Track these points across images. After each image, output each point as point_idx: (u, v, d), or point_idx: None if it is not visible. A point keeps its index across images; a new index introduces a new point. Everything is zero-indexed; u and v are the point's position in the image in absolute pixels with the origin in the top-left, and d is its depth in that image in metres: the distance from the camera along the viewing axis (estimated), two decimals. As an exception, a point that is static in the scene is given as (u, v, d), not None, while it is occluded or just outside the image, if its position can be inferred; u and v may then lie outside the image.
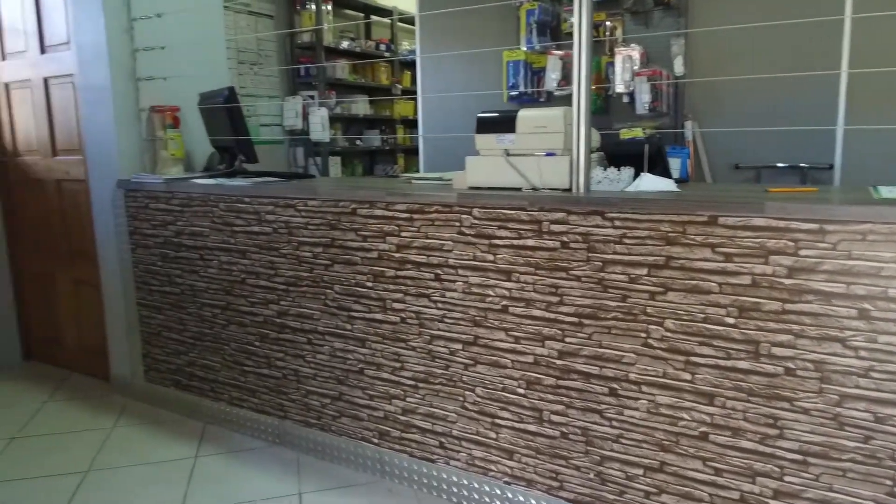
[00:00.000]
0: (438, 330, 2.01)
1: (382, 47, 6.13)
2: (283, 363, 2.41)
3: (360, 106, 5.84)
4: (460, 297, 1.95)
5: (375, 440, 2.21)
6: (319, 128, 5.03)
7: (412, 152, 6.47)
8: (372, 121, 6.12)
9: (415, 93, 6.42)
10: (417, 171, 6.27)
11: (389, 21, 6.38)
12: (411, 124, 6.46)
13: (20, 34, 3.15)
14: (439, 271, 1.97)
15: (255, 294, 2.44)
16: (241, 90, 3.67)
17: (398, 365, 2.12)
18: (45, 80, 3.09)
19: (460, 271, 1.93)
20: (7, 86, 3.29)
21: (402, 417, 2.14)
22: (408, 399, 2.11)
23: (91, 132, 2.87)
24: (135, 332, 2.89)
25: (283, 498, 2.09)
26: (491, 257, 1.87)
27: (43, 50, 3.07)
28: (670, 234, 1.61)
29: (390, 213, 2.05)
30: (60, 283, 3.28)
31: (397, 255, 2.05)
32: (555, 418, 1.84)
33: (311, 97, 5.27)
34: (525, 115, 1.87)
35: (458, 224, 1.91)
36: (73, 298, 3.23)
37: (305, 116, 5.15)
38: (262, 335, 2.45)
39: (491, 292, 1.88)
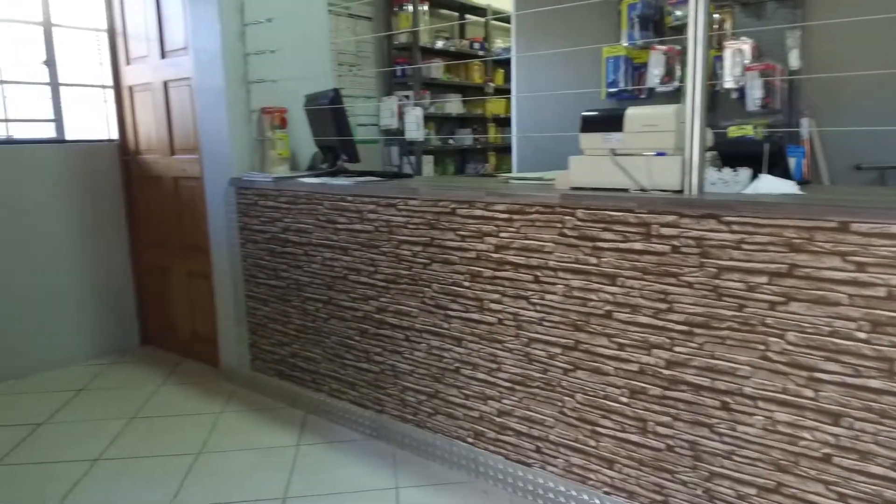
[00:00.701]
0: (537, 333, 1.98)
1: (476, 46, 6.14)
2: (381, 358, 2.46)
3: (453, 105, 5.87)
4: (560, 301, 1.91)
5: (470, 440, 2.21)
6: (414, 127, 5.09)
7: (503, 151, 6.44)
8: (464, 119, 6.14)
9: (507, 91, 6.38)
10: (509, 170, 6.23)
11: (483, 20, 6.37)
12: (503, 123, 6.43)
13: (143, 40, 3.38)
14: (539, 273, 1.94)
15: (356, 290, 2.50)
16: (334, 82, 3.77)
17: (494, 366, 2.11)
18: (165, 84, 3.31)
19: (561, 274, 1.89)
20: (131, 89, 3.55)
21: (498, 419, 2.13)
22: (503, 401, 2.10)
23: (206, 132, 3.04)
24: (242, 322, 3.04)
25: (380, 491, 2.13)
26: (594, 260, 1.82)
27: (163, 55, 3.29)
28: (795, 241, 1.50)
29: (489, 214, 2.04)
30: (175, 275, 3.50)
31: (495, 255, 2.04)
32: (660, 430, 1.77)
33: (406, 97, 5.35)
34: (634, 113, 1.80)
35: (559, 225, 1.88)
36: (186, 289, 3.45)
37: (401, 116, 5.24)
38: (361, 330, 2.51)
39: (594, 296, 1.84)
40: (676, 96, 3.77)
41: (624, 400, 1.82)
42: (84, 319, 3.53)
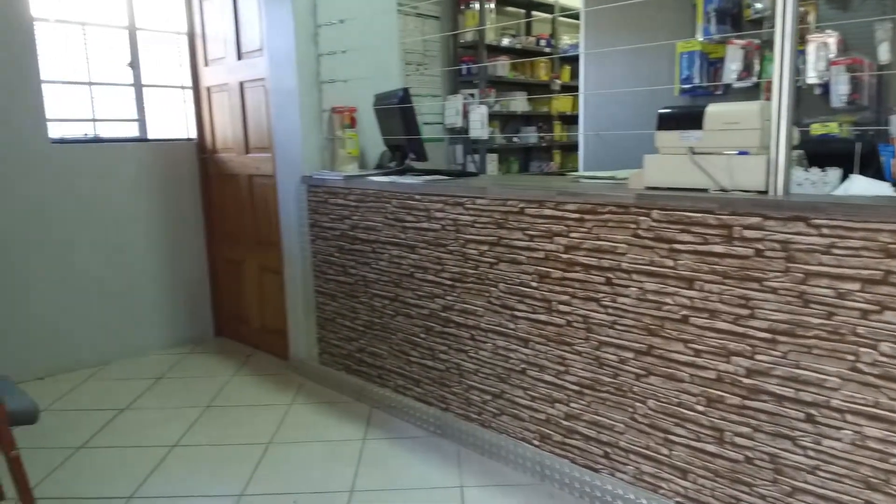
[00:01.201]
0: (608, 336, 1.94)
1: (543, 43, 6.07)
2: (447, 356, 2.46)
3: (518, 103, 5.83)
4: (633, 304, 1.86)
5: (536, 442, 2.19)
6: (479, 125, 5.08)
7: (568, 149, 6.34)
8: (528, 117, 6.08)
9: (574, 88, 6.28)
10: (574, 168, 6.14)
11: (551, 16, 6.29)
12: (568, 120, 6.33)
13: (220, 43, 3.50)
14: (611, 275, 1.90)
15: (422, 288, 2.52)
16: (402, 81, 3.81)
17: (562, 368, 2.07)
18: (241, 84, 3.42)
19: (634, 276, 1.85)
20: (209, 89, 3.68)
21: (565, 422, 2.09)
22: (571, 404, 2.07)
23: (279, 131, 3.12)
24: (311, 316, 3.11)
25: (445, 489, 2.14)
26: (671, 263, 1.76)
27: (239, 56, 3.40)
28: (891, 246, 1.41)
29: (559, 213, 2.01)
30: (248, 269, 3.62)
31: (565, 256, 2.01)
32: (738, 441, 1.70)
33: (472, 95, 5.35)
34: (715, 111, 1.74)
35: (634, 226, 1.83)
36: (258, 283, 3.56)
37: (465, 114, 5.24)
38: (427, 327, 2.53)
39: (669, 300, 1.78)
40: (755, 92, 3.62)
41: (700, 408, 1.76)
42: (163, 310, 3.70)
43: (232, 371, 3.32)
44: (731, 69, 3.65)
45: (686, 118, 1.79)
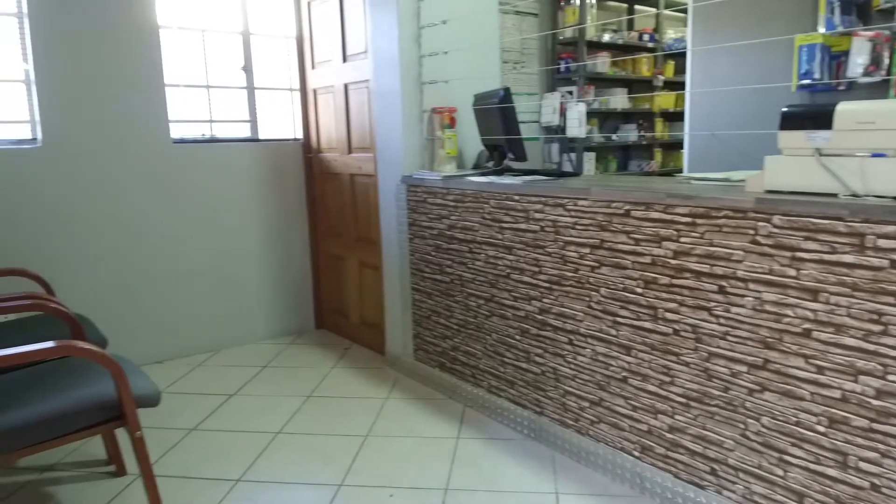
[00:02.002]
0: (719, 347, 1.84)
1: (646, 38, 5.86)
2: (543, 360, 2.43)
3: (618, 100, 5.66)
4: (749, 315, 1.76)
5: (636, 453, 2.12)
6: (576, 123, 4.98)
7: (670, 147, 6.10)
8: (628, 115, 5.89)
9: (678, 84, 6.03)
10: (678, 168, 5.89)
11: (654, 10, 6.07)
12: (671, 118, 6.08)
13: (327, 46, 3.63)
14: (724, 283, 1.80)
15: (519, 289, 2.50)
16: (501, 83, 3.79)
17: (667, 379, 1.99)
18: (346, 86, 3.53)
19: (751, 285, 1.74)
20: (315, 91, 3.82)
21: (669, 435, 2.01)
22: (676, 417, 1.98)
23: (381, 132, 3.19)
24: (408, 313, 3.16)
25: (540, 495, 2.11)
26: (793, 272, 1.65)
27: (345, 59, 3.50)
28: None
29: (669, 217, 1.93)
30: (349, 265, 3.73)
31: (674, 261, 1.93)
32: (864, 466, 1.56)
33: (570, 93, 5.25)
34: (847, 109, 1.60)
35: (752, 232, 1.72)
36: (357, 278, 3.66)
37: (562, 112, 5.15)
38: (522, 330, 2.51)
39: (790, 312, 1.67)
40: (883, 88, 3.33)
41: (820, 429, 1.64)
42: (269, 302, 3.89)
43: (331, 363, 3.44)
44: (857, 63, 3.37)
45: (813, 117, 1.67)
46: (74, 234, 3.21)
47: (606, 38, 5.48)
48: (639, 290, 2.04)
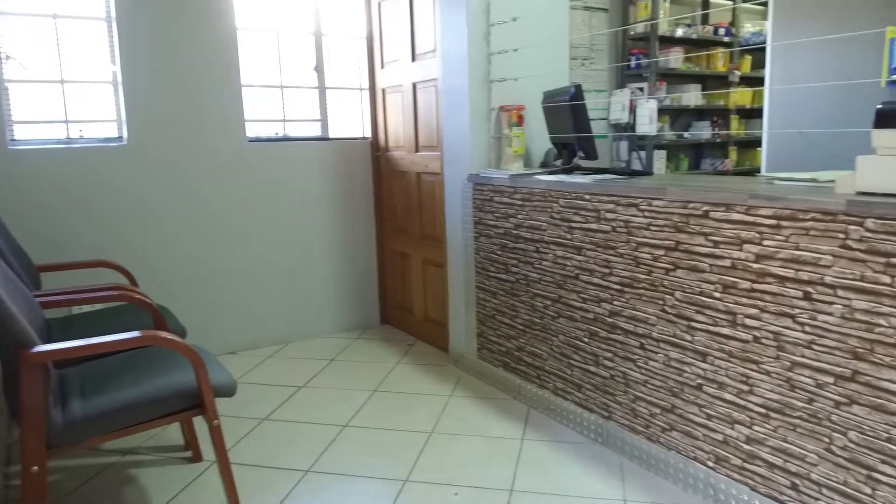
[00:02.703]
0: (803, 357, 1.75)
1: (721, 32, 5.64)
2: (612, 364, 2.38)
3: (691, 96, 5.47)
4: (837, 323, 1.66)
5: (710, 463, 2.05)
6: (647, 120, 4.85)
7: (745, 146, 5.85)
8: (702, 111, 5.69)
9: (755, 80, 5.78)
10: (754, 166, 5.65)
11: (731, 3, 5.84)
12: (747, 114, 5.84)
13: (396, 45, 3.66)
14: (810, 289, 1.71)
15: (588, 291, 2.45)
16: (569, 81, 3.73)
17: (745, 388, 1.91)
18: (414, 85, 3.55)
19: (840, 292, 1.65)
20: (384, 90, 3.87)
21: (746, 446, 1.93)
22: (754, 427, 1.90)
23: (448, 130, 3.20)
24: (472, 311, 3.16)
25: (608, 501, 2.07)
26: (887, 280, 1.55)
27: (413, 58, 3.53)
28: None
29: (751, 218, 1.84)
30: (413, 262, 3.76)
31: (755, 265, 1.85)
32: (968, 490, 1.46)
33: (640, 89, 5.12)
34: (953, 107, 1.49)
35: (842, 236, 1.63)
36: (422, 275, 3.69)
37: (632, 109, 5.02)
38: (591, 332, 2.46)
39: (883, 322, 1.57)
40: None
41: (917, 448, 1.54)
42: (336, 296, 3.97)
43: (396, 358, 3.48)
44: (960, 54, 3.13)
45: (914, 114, 1.56)
46: (155, 228, 3.37)
47: (680, 32, 5.31)
48: (717, 295, 1.97)
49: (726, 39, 5.65)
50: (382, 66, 3.85)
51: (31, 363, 1.56)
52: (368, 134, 4.01)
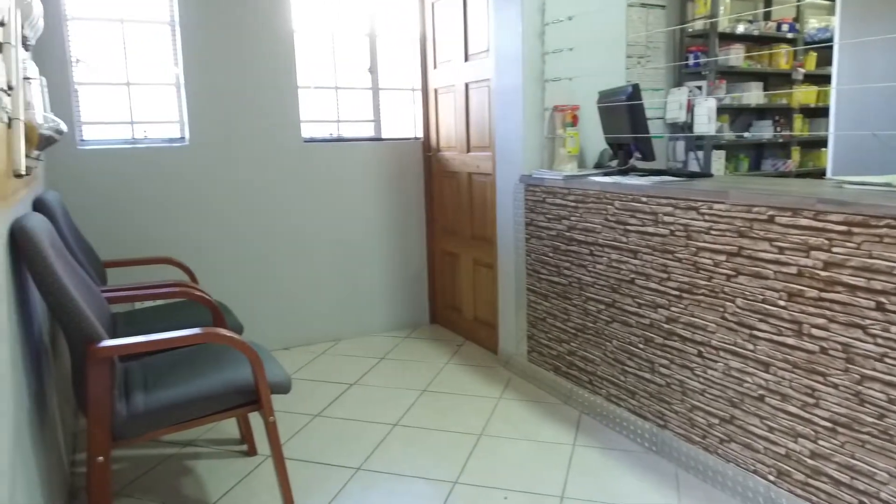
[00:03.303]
0: (874, 370, 1.66)
1: (785, 28, 5.43)
2: (668, 371, 2.32)
3: (752, 95, 5.29)
4: (914, 336, 1.57)
5: (772, 477, 1.97)
6: (705, 120, 4.71)
7: (809, 146, 5.62)
8: (763, 111, 5.50)
9: (820, 78, 5.54)
10: (818, 168, 5.43)
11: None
12: (812, 114, 5.61)
13: (449, 46, 3.66)
14: (884, 299, 1.63)
15: (643, 296, 2.39)
16: (625, 80, 3.65)
17: (811, 401, 1.83)
18: (466, 85, 3.54)
19: (918, 303, 1.56)
20: (436, 91, 3.88)
21: (810, 461, 1.85)
22: (820, 442, 1.82)
23: (501, 131, 3.18)
24: (522, 314, 3.13)
25: (662, 512, 2.02)
26: (972, 292, 1.46)
27: (466, 58, 3.52)
28: None
29: (819, 224, 1.76)
30: (463, 262, 3.76)
31: (823, 273, 1.76)
32: None
33: (698, 88, 4.98)
34: None
35: (921, 245, 1.54)
36: (472, 276, 3.68)
37: (690, 109, 4.89)
38: (646, 338, 2.40)
39: (967, 336, 1.47)
40: None
41: None
42: (386, 295, 4.00)
43: (445, 358, 3.48)
44: None
45: None
46: (214, 226, 3.46)
47: (741, 29, 5.14)
48: (781, 303, 1.89)
49: (790, 36, 5.44)
50: (435, 67, 3.86)
51: (98, 357, 1.62)
52: (420, 134, 4.03)
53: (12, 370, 1.48)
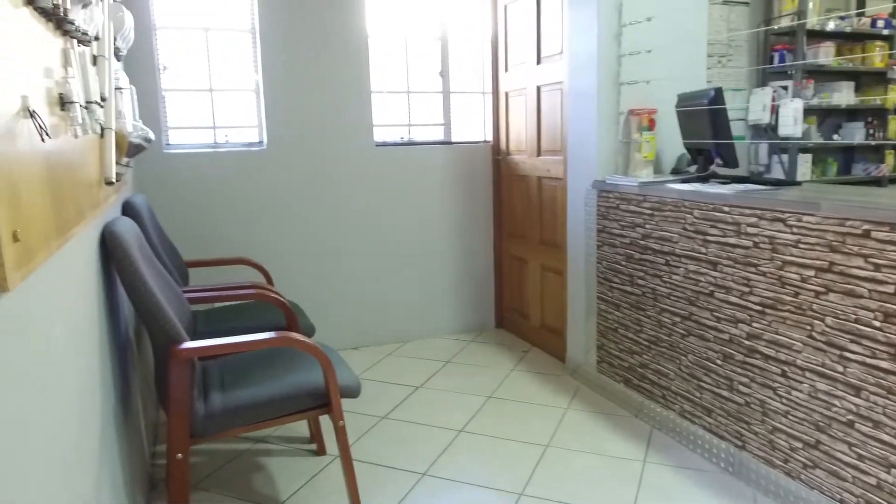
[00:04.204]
0: None
1: (880, 24, 5.08)
2: (748, 390, 2.21)
3: (843, 95, 4.98)
4: None
5: (862, 510, 1.84)
6: (791, 121, 4.47)
7: (907, 149, 5.24)
8: (854, 112, 5.17)
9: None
10: (915, 172, 5.06)
11: (895, -11, 5.24)
12: (909, 114, 5.22)
13: (521, 48, 3.62)
14: None
15: (723, 310, 2.29)
16: (707, 85, 3.50)
17: (910, 429, 1.70)
18: (538, 88, 3.49)
19: None
20: (507, 94, 3.84)
21: (908, 495, 1.72)
22: (920, 475, 1.69)
23: (573, 134, 3.12)
24: (592, 322, 3.06)
25: (740, 539, 1.93)
26: None
27: (539, 61, 3.47)
28: None
29: (923, 241, 1.63)
30: (531, 267, 3.71)
31: (927, 294, 1.63)
32: None
33: (784, 88, 4.73)
34: None
35: None
36: (539, 281, 3.63)
37: (774, 110, 4.65)
38: (725, 354, 2.30)
39: None
40: None
41: None
42: (453, 298, 4.00)
43: (511, 364, 3.45)
44: None
45: None
46: (288, 227, 3.56)
47: (831, 25, 4.85)
48: (876, 324, 1.76)
49: (885, 32, 5.09)
50: (506, 70, 3.82)
51: (179, 358, 1.69)
52: (490, 137, 4.00)
53: (101, 372, 1.56)
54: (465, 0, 3.88)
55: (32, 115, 0.98)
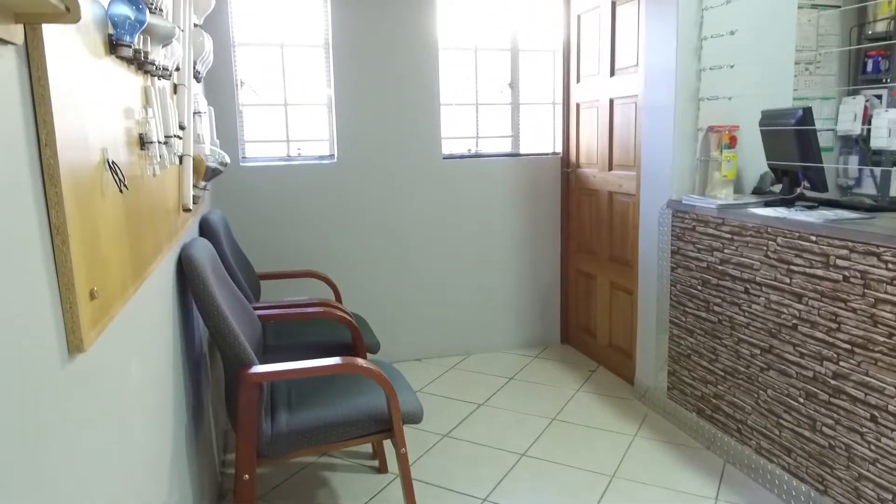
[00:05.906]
0: None
1: None
2: (832, 432, 2.07)
3: (947, 103, 4.60)
4: None
5: (964, 577, 1.69)
6: (885, 133, 4.17)
7: None
8: (960, 120, 4.77)
9: None
10: None
11: None
12: None
13: (594, 59, 3.53)
14: None
15: (807, 345, 2.15)
16: (793, 96, 3.30)
17: None
18: (611, 101, 3.39)
19: None
20: (578, 105, 3.75)
21: None
22: None
23: (647, 150, 3.01)
24: (663, 346, 2.95)
25: None
26: None
27: (612, 73, 3.37)
28: None
29: None
30: (599, 284, 3.62)
31: None
32: None
33: (877, 97, 4.42)
34: None
35: None
36: (608, 299, 3.53)
37: (866, 120, 4.35)
38: (808, 392, 2.16)
39: None
40: None
41: None
42: (518, 312, 3.95)
43: (576, 384, 3.37)
44: None
45: None
46: (356, 239, 3.60)
47: (935, 28, 4.48)
48: None
49: None
50: (578, 81, 3.74)
51: (248, 382, 1.73)
52: (559, 149, 3.92)
53: (174, 391, 1.61)
54: (536, 10, 3.82)
55: (111, 167, 1.01)
